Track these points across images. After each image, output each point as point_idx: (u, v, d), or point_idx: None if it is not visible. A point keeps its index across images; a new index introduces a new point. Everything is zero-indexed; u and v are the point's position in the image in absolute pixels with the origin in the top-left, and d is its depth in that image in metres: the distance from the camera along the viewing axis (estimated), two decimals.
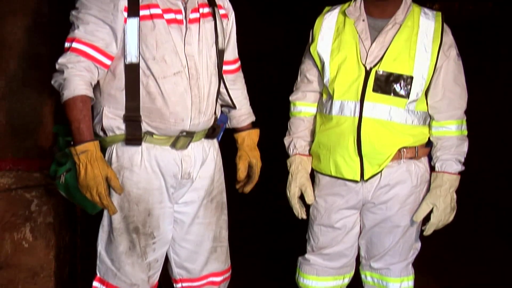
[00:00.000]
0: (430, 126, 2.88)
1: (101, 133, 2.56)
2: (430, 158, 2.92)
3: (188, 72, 2.56)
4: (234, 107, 2.85)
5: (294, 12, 5.98)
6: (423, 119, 2.85)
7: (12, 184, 3.07)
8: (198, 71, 2.59)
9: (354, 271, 3.08)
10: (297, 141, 3.00)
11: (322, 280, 3.02)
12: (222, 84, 2.73)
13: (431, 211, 2.87)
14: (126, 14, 2.48)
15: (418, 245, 3.02)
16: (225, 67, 2.77)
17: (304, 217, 3.00)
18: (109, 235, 2.64)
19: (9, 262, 3.12)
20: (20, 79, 3.03)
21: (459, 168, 2.86)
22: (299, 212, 2.99)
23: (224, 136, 2.88)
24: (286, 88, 3.11)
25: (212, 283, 2.84)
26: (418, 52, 2.78)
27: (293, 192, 2.98)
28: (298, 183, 2.97)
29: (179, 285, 2.85)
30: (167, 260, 2.81)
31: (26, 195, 3.11)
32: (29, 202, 3.12)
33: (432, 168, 2.91)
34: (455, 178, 2.85)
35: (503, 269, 4.34)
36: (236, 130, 2.93)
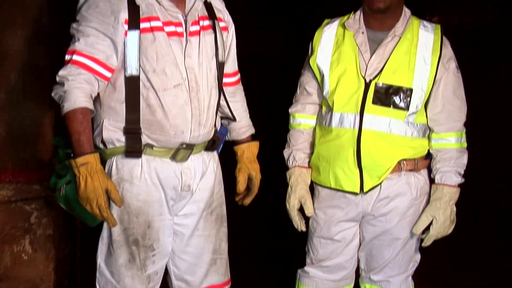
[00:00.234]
0: (429, 138, 2.89)
1: (101, 145, 2.56)
2: (429, 171, 2.92)
3: (188, 85, 2.56)
4: (234, 119, 2.85)
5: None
6: (422, 131, 2.86)
7: (12, 196, 3.07)
8: (198, 83, 2.59)
9: (353, 284, 3.07)
10: (296, 153, 3.00)
11: None
12: (222, 97, 2.73)
13: (431, 223, 2.87)
14: (126, 27, 2.48)
15: (418, 257, 3.01)
16: (225, 80, 2.77)
17: (304, 229, 3.00)
18: (108, 247, 2.64)
19: (8, 274, 3.11)
20: (20, 90, 3.03)
21: (458, 180, 2.86)
22: (299, 224, 2.99)
23: (224, 148, 2.88)
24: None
25: None
26: (417, 64, 2.78)
27: (292, 204, 2.98)
28: (297, 195, 2.97)
29: None
30: (166, 273, 2.80)
31: (26, 207, 3.11)
32: (28, 214, 3.12)
33: (431, 181, 2.91)
34: (455, 190, 2.86)
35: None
36: (235, 142, 2.92)
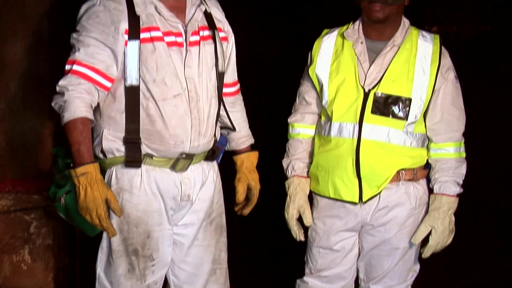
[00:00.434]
0: (428, 148, 2.89)
1: (100, 155, 2.57)
2: (428, 180, 2.93)
3: (188, 95, 2.57)
4: (233, 129, 2.86)
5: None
6: (421, 141, 2.86)
7: (11, 206, 3.05)
8: (198, 93, 2.59)
9: None
10: (295, 163, 3.00)
11: None
12: (222, 107, 2.74)
13: (430, 233, 2.87)
14: (126, 37, 2.49)
15: (417, 267, 3.01)
16: (224, 90, 2.78)
17: (302, 239, 3.00)
18: (108, 257, 2.63)
19: (7, 284, 3.09)
20: (20, 100, 3.02)
21: (457, 190, 2.87)
22: (297, 234, 2.99)
23: (224, 158, 2.88)
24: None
25: None
26: (416, 74, 2.79)
27: (291, 214, 2.97)
28: (296, 205, 2.97)
29: None
30: (166, 283, 2.80)
31: (25, 217, 3.10)
32: (28, 224, 3.11)
33: (430, 190, 2.92)
34: (453, 200, 2.86)
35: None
36: (235, 152, 2.92)
